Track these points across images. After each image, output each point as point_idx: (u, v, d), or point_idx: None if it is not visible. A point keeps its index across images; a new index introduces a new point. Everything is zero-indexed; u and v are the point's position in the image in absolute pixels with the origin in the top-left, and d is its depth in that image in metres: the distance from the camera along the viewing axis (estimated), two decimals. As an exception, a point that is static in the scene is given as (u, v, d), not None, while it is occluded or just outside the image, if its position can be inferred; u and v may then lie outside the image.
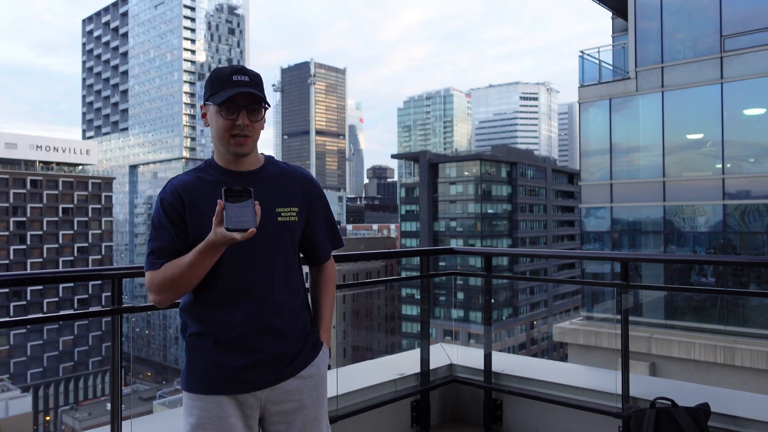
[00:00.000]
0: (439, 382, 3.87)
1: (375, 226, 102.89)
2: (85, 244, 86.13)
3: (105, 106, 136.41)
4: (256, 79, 1.74)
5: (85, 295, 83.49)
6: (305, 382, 1.84)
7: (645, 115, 16.37)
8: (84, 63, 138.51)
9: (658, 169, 15.79)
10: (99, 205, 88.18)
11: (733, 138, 14.97)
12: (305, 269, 2.03)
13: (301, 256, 1.96)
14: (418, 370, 3.76)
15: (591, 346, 14.48)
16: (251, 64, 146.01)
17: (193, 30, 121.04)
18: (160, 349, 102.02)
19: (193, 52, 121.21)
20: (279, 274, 1.80)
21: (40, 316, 2.53)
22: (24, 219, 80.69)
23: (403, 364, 3.89)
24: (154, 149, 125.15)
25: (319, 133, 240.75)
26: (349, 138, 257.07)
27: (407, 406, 3.68)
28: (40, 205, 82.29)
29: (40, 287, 75.09)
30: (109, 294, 2.54)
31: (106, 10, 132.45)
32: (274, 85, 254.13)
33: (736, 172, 15.10)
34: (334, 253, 2.08)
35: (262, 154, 1.88)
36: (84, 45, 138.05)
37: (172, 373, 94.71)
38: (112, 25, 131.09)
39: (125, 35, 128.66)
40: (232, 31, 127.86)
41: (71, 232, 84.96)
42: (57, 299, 79.91)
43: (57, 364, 77.45)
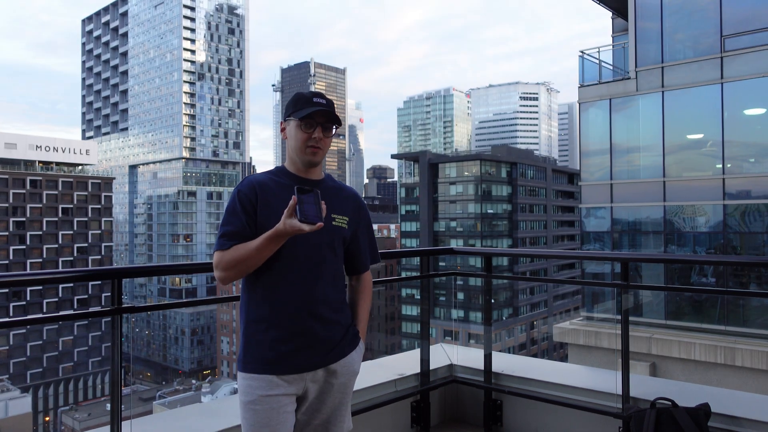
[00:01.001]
0: (439, 383, 3.87)
1: (375, 226, 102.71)
2: (85, 244, 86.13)
3: (105, 106, 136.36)
4: (330, 104, 2.10)
5: (85, 295, 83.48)
6: (343, 371, 2.09)
7: (645, 115, 16.36)
8: (84, 63, 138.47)
9: (659, 169, 15.79)
10: (99, 205, 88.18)
11: (734, 138, 14.96)
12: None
13: None
14: (418, 370, 3.76)
15: (591, 346, 14.48)
16: (251, 64, 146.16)
17: (192, 30, 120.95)
18: (160, 349, 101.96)
19: (192, 52, 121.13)
20: (327, 270, 2.08)
21: (40, 316, 2.53)
22: (24, 219, 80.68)
23: (403, 364, 3.89)
24: (154, 149, 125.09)
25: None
26: (349, 138, 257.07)
27: (407, 406, 3.68)
28: (40, 205, 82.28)
29: (40, 287, 75.09)
30: (109, 294, 2.54)
31: (106, 10, 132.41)
32: (273, 85, 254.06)
33: (737, 172, 15.10)
34: None
35: (323, 171, 2.23)
36: (84, 45, 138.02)
37: (171, 373, 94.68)
38: (112, 25, 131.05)
39: (125, 35, 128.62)
40: (232, 31, 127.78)
41: (71, 232, 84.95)
42: (57, 299, 79.91)
43: (57, 364, 77.43)
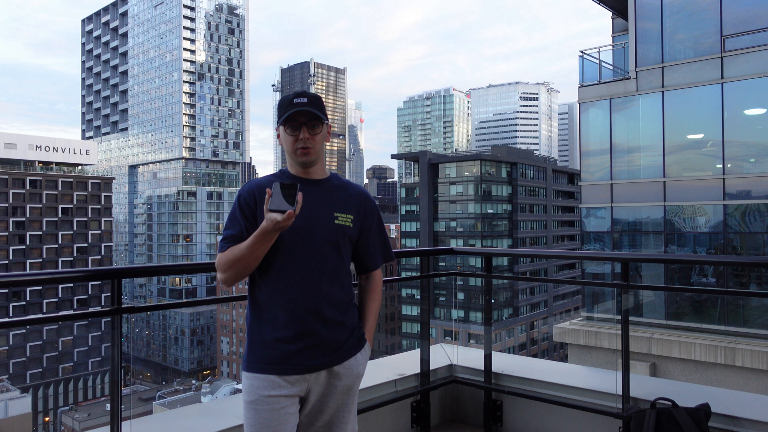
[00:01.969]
0: (439, 383, 3.86)
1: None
2: (85, 244, 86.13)
3: (105, 106, 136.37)
4: (314, 100, 2.07)
5: (85, 296, 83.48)
6: (347, 374, 2.08)
7: (645, 115, 16.36)
8: (83, 63, 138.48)
9: (659, 169, 15.78)
10: (99, 205, 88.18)
11: (734, 138, 14.96)
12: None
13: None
14: (418, 370, 3.76)
15: (591, 346, 14.47)
16: (251, 65, 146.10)
17: (192, 30, 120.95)
18: (160, 349, 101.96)
19: (192, 52, 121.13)
20: (330, 269, 2.07)
21: (40, 316, 2.53)
22: (23, 219, 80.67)
23: (403, 364, 3.89)
24: (154, 149, 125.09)
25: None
26: (349, 138, 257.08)
27: (407, 406, 3.68)
28: (40, 205, 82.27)
29: (40, 287, 75.10)
30: (108, 294, 2.54)
31: (106, 10, 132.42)
32: (273, 85, 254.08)
33: (737, 172, 15.09)
34: None
35: (330, 171, 2.22)
36: (83, 45, 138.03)
37: (171, 373, 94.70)
38: (112, 25, 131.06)
39: (125, 35, 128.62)
40: (231, 31, 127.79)
41: (71, 232, 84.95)
42: (56, 299, 79.90)
43: (56, 364, 77.43)
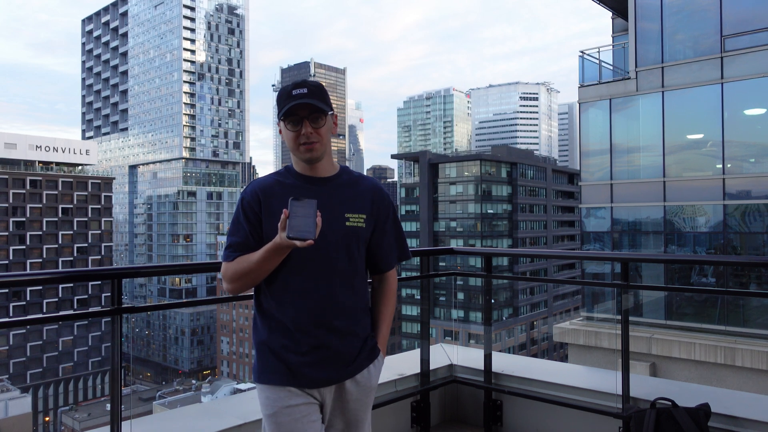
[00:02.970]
0: (439, 383, 3.86)
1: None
2: (85, 244, 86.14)
3: (105, 106, 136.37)
4: (315, 90, 1.88)
5: (85, 296, 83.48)
6: (358, 389, 1.95)
7: (645, 115, 16.36)
8: (84, 63, 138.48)
9: (659, 169, 15.78)
10: (99, 205, 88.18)
11: (734, 138, 14.96)
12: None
13: None
14: (418, 370, 3.76)
15: (591, 346, 14.47)
16: (251, 64, 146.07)
17: (192, 30, 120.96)
18: (160, 349, 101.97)
19: (192, 52, 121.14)
20: (343, 276, 1.92)
21: (40, 316, 2.53)
22: (24, 219, 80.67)
23: (403, 364, 3.89)
24: (154, 149, 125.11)
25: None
26: (349, 138, 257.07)
27: (407, 406, 3.68)
28: (40, 205, 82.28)
29: (40, 287, 75.09)
30: (108, 294, 2.54)
31: (106, 10, 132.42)
32: (273, 85, 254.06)
33: (737, 172, 15.09)
34: None
35: (339, 164, 2.05)
36: (84, 45, 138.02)
37: (171, 373, 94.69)
38: (112, 25, 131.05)
39: (125, 35, 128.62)
40: (232, 31, 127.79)
41: (71, 232, 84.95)
42: (57, 299, 79.90)
43: (56, 364, 77.44)
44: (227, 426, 2.85)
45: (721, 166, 14.98)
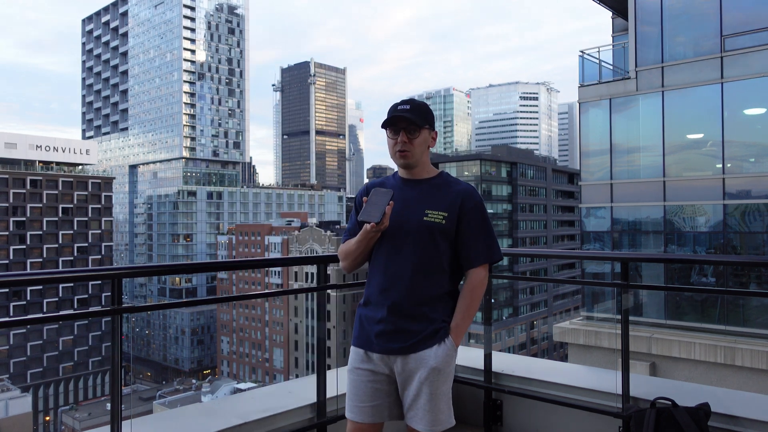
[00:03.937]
0: (439, 382, 3.85)
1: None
2: (85, 244, 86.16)
3: (105, 105, 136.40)
4: (416, 107, 2.25)
5: (85, 295, 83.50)
6: (417, 366, 2.18)
7: (645, 115, 16.36)
8: (84, 63, 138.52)
9: (659, 169, 15.78)
10: (99, 205, 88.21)
11: (734, 138, 14.96)
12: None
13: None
14: (418, 370, 3.75)
15: (591, 346, 14.48)
16: (251, 64, 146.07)
17: (193, 30, 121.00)
18: (160, 349, 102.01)
19: (193, 51, 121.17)
20: (417, 265, 2.21)
21: (40, 316, 2.53)
22: (24, 219, 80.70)
23: (403, 364, 3.88)
24: (154, 149, 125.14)
25: (319, 132, 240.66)
26: (349, 138, 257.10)
27: (407, 406, 3.67)
28: (40, 205, 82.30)
29: (40, 287, 75.10)
30: (109, 294, 2.54)
31: (106, 9, 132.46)
32: (273, 84, 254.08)
33: (737, 171, 15.09)
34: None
35: (440, 171, 2.36)
36: (84, 45, 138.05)
37: (172, 373, 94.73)
38: (112, 24, 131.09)
39: (125, 35, 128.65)
40: (232, 31, 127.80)
41: (71, 232, 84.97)
42: (57, 299, 79.94)
43: (57, 364, 77.49)
44: (227, 426, 2.85)
45: (721, 165, 14.98)
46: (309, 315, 77.08)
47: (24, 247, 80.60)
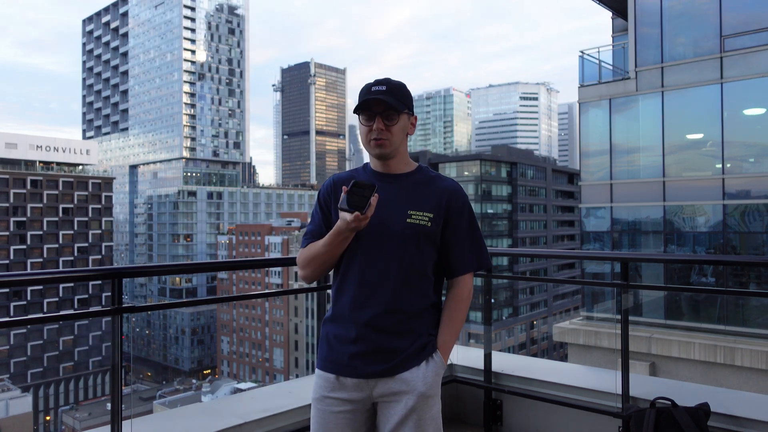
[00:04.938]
0: (439, 382, 3.86)
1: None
2: (85, 244, 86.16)
3: (105, 106, 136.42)
4: (394, 88, 1.92)
5: (85, 295, 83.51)
6: (403, 390, 1.87)
7: (645, 115, 16.36)
8: (84, 63, 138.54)
9: (658, 169, 15.78)
10: (99, 205, 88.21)
11: (733, 138, 14.96)
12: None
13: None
14: (418, 370, 3.75)
15: (591, 346, 14.48)
16: (251, 64, 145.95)
17: (193, 30, 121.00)
18: (160, 349, 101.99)
19: (193, 52, 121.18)
20: (398, 272, 1.89)
21: (40, 316, 2.53)
22: (24, 219, 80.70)
23: (403, 364, 3.88)
24: (154, 149, 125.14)
25: (319, 133, 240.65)
26: (349, 138, 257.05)
27: (407, 406, 3.67)
28: (40, 205, 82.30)
29: (41, 287, 75.11)
30: (109, 294, 2.54)
31: (106, 10, 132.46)
32: (273, 85, 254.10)
33: (736, 172, 15.10)
34: None
35: (419, 164, 2.04)
36: (84, 45, 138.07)
37: (172, 373, 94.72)
38: (113, 25, 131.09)
39: (125, 35, 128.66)
40: (232, 31, 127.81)
41: (71, 232, 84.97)
42: (57, 299, 79.94)
43: (57, 364, 77.46)
44: (227, 426, 2.85)
45: (720, 166, 14.99)
46: (309, 315, 77.08)
47: (24, 247, 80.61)
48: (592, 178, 17.56)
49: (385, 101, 1.88)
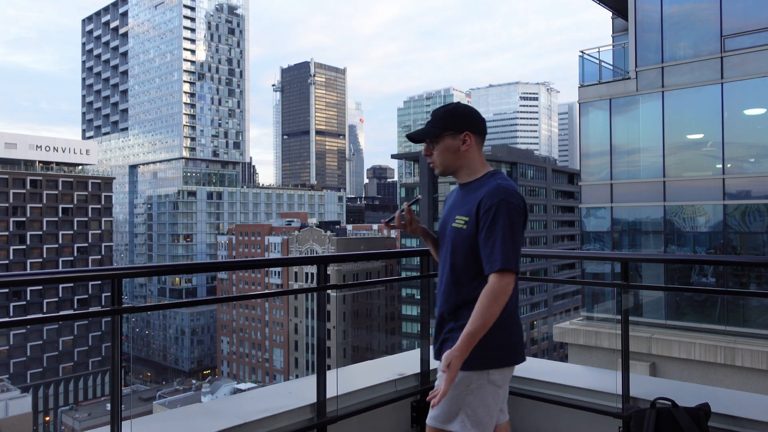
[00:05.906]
0: (439, 383, 3.85)
1: (375, 226, 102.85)
2: (85, 244, 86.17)
3: (105, 106, 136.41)
4: (434, 117, 2.25)
5: (85, 295, 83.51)
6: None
7: (645, 116, 16.36)
8: (84, 63, 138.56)
9: (659, 169, 15.78)
10: (99, 205, 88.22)
11: (734, 138, 14.96)
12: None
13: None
14: (418, 370, 3.76)
15: (591, 346, 14.48)
16: (251, 64, 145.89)
17: (192, 30, 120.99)
18: (160, 349, 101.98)
19: (192, 52, 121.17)
20: (449, 271, 2.23)
21: (40, 316, 2.53)
22: (24, 219, 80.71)
23: (403, 364, 3.89)
24: (154, 149, 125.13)
25: (319, 133, 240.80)
26: (349, 138, 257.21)
27: (407, 406, 3.68)
28: (40, 205, 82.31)
29: (40, 287, 75.11)
30: (108, 294, 2.54)
31: (106, 10, 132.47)
32: (273, 85, 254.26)
33: (737, 172, 15.09)
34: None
35: (489, 170, 2.25)
36: (84, 45, 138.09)
37: (171, 373, 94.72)
38: (112, 25, 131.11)
39: (125, 35, 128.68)
40: (232, 31, 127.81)
41: (71, 232, 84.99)
42: (57, 299, 79.94)
43: (57, 364, 77.48)
44: (227, 426, 2.85)
45: (721, 166, 14.98)
46: (309, 315, 77.08)
47: (24, 247, 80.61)
48: (592, 178, 17.56)
49: (411, 136, 2.29)
